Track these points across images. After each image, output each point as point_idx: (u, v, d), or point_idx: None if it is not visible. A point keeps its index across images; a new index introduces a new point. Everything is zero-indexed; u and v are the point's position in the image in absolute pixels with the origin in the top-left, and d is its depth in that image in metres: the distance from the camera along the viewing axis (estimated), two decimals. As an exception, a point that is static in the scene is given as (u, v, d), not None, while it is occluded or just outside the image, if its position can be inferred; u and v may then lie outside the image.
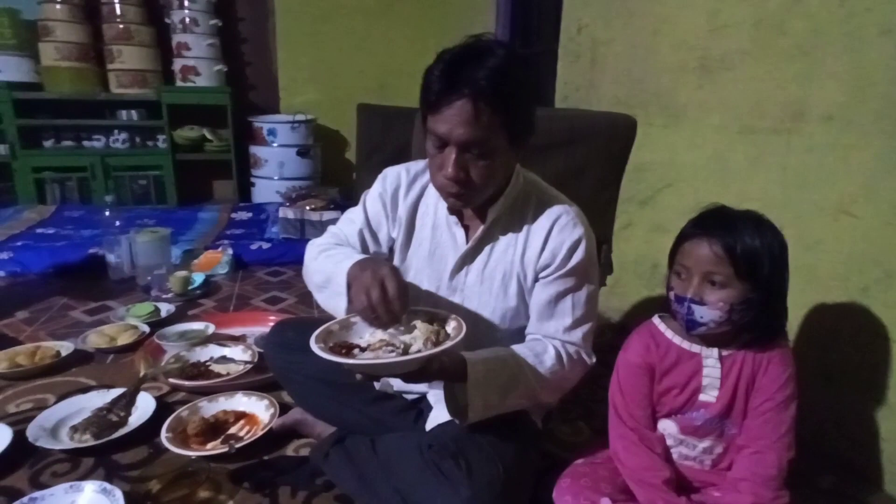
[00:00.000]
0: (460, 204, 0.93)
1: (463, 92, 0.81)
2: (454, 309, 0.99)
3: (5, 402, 1.38)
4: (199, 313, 1.97)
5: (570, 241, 0.94)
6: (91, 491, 1.02)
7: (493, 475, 0.89)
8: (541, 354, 0.94)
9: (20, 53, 3.26)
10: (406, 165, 1.08)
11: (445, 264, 1.01)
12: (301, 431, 1.27)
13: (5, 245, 2.43)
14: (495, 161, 0.87)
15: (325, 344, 0.86)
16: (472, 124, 0.82)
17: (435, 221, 1.03)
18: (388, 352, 0.83)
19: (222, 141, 3.59)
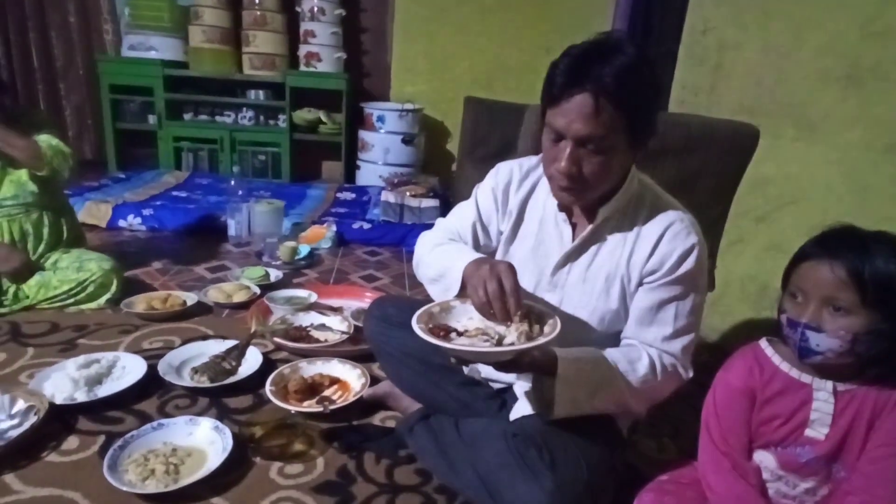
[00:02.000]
0: (570, 198, 0.92)
1: (585, 87, 0.80)
2: (551, 307, 0.99)
3: (141, 338, 1.57)
4: (302, 282, 2.10)
5: (682, 248, 0.91)
6: (207, 427, 1.14)
7: (577, 473, 0.88)
8: (634, 361, 0.92)
9: (173, 35, 3.62)
10: (519, 161, 1.08)
11: (549, 260, 1.01)
12: (388, 403, 1.32)
13: (147, 203, 2.73)
14: (611, 159, 0.86)
15: (426, 325, 0.90)
16: (591, 120, 0.81)
17: (543, 216, 1.02)
18: (483, 341, 0.85)
19: (335, 124, 3.78)
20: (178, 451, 1.09)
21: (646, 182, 0.99)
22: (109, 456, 1.04)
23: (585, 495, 0.87)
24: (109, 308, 1.71)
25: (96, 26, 3.74)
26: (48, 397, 1.18)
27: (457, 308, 0.96)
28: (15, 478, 1.02)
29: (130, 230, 2.56)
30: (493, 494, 0.93)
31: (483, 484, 0.94)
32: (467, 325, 0.91)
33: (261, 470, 1.10)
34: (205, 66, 3.62)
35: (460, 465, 1.00)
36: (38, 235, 1.74)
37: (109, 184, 3.09)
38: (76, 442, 1.13)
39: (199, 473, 1.03)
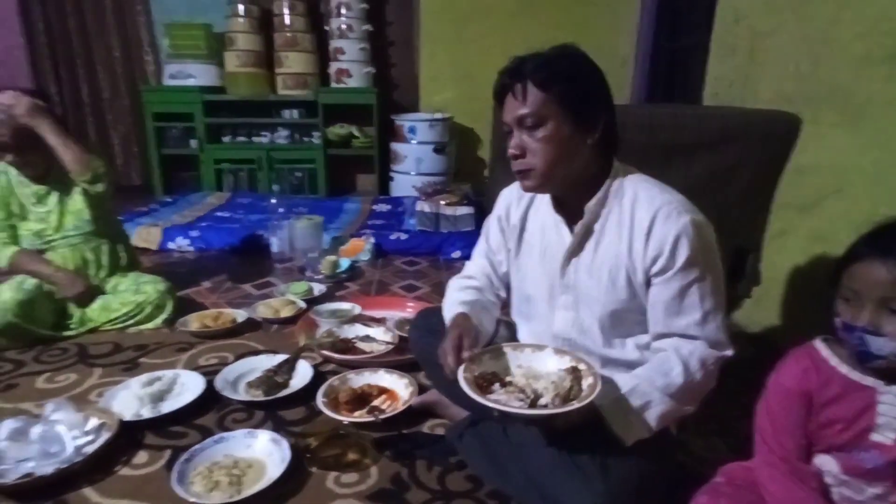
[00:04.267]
0: (529, 184, 0.97)
1: (512, 79, 0.93)
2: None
3: (197, 356, 1.64)
4: (345, 295, 2.15)
5: (676, 229, 0.91)
6: (265, 439, 1.19)
7: (628, 476, 0.89)
8: (668, 373, 0.93)
9: (210, 61, 3.77)
10: (516, 183, 1.15)
11: (555, 263, 1.04)
12: (436, 411, 1.34)
13: (194, 225, 2.85)
14: (552, 137, 0.92)
15: (473, 368, 0.94)
16: (522, 102, 0.92)
17: (544, 225, 1.07)
18: (518, 398, 0.89)
19: (367, 137, 3.86)
20: (239, 463, 1.13)
21: (633, 176, 1.01)
22: (177, 469, 1.09)
23: (636, 498, 0.87)
24: (166, 327, 1.80)
25: (138, 58, 3.94)
26: (117, 414, 1.25)
27: (508, 355, 1.00)
28: (93, 490, 1.08)
29: (180, 251, 2.68)
30: (545, 498, 0.94)
31: (534, 487, 0.96)
32: (514, 375, 0.96)
33: (318, 479, 1.13)
34: (241, 90, 3.76)
35: (510, 469, 1.02)
36: (98, 262, 1.84)
37: (158, 208, 3.23)
38: (145, 456, 1.19)
39: (261, 484, 1.07)
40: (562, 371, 0.94)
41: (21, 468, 1.08)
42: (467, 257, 2.55)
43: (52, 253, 1.78)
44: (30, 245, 1.76)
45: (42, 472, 1.07)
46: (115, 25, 3.85)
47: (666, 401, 0.91)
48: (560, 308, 1.05)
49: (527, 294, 1.12)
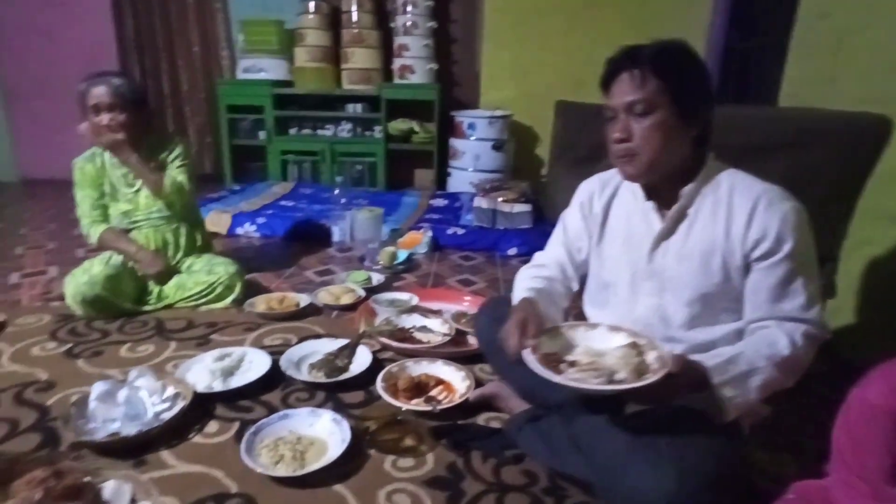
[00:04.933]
0: (631, 170, 0.98)
1: (626, 66, 0.94)
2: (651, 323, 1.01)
3: (262, 336, 1.71)
4: (402, 285, 2.19)
5: (781, 215, 0.92)
6: (327, 419, 1.22)
7: (702, 463, 0.88)
8: (775, 344, 0.91)
9: (281, 56, 3.91)
10: (597, 175, 1.18)
11: (641, 250, 1.04)
12: (495, 404, 1.34)
13: (260, 212, 2.97)
14: (660, 125, 0.93)
15: (536, 352, 0.93)
16: (634, 88, 0.93)
17: (629, 213, 1.08)
18: (594, 376, 0.87)
19: (428, 133, 3.89)
20: (302, 440, 1.17)
21: (729, 168, 1.01)
22: (245, 440, 1.14)
23: (710, 486, 0.86)
24: (234, 307, 1.88)
25: (215, 54, 4.12)
26: (191, 385, 1.33)
27: (565, 335, 0.99)
28: (170, 454, 1.15)
29: (247, 237, 2.80)
30: (614, 484, 0.93)
31: (603, 473, 0.95)
32: (577, 357, 0.93)
33: (376, 462, 1.16)
34: (308, 84, 3.87)
35: (572, 460, 1.03)
36: (176, 243, 1.95)
37: (227, 195, 3.39)
38: (216, 426, 1.25)
39: (322, 461, 1.11)
40: (622, 347, 0.92)
41: (108, 428, 1.17)
42: (524, 254, 2.56)
43: (137, 233, 1.90)
44: (118, 224, 1.89)
45: (126, 432, 1.15)
46: (196, 22, 4.05)
47: (771, 370, 0.89)
48: (643, 294, 1.05)
49: (605, 281, 1.12)
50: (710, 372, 0.87)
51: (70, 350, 1.58)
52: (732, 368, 0.88)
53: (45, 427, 1.23)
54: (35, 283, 2.13)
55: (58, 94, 3.91)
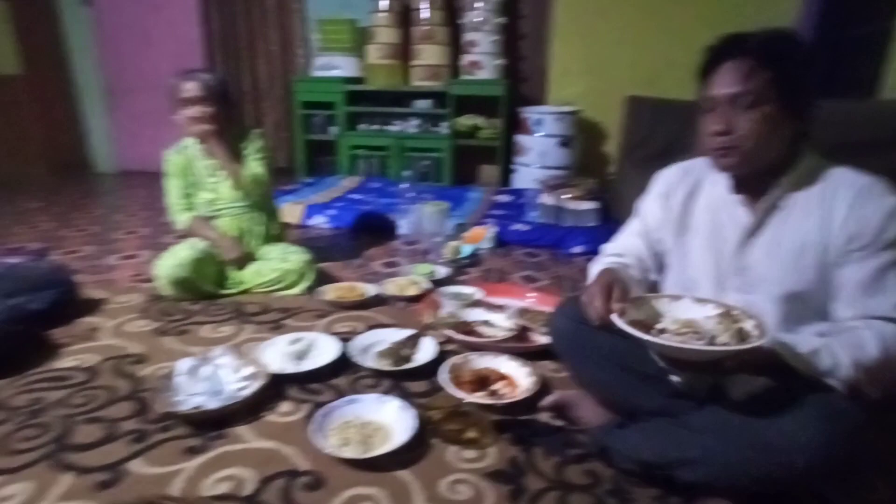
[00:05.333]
0: (729, 163, 0.93)
1: (731, 54, 0.89)
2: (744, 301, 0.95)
3: (332, 323, 1.77)
4: (466, 279, 2.19)
5: (882, 209, 0.85)
6: (393, 406, 1.25)
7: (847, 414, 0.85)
8: (863, 344, 0.84)
9: (353, 54, 4.01)
10: (678, 164, 1.12)
11: (727, 244, 0.99)
12: (566, 412, 1.25)
13: (330, 204, 3.06)
14: (763, 119, 0.87)
15: (623, 317, 0.89)
16: (739, 80, 0.87)
17: (714, 205, 1.03)
18: (695, 339, 0.83)
19: (493, 129, 3.87)
20: (368, 425, 1.20)
21: (825, 162, 0.95)
22: (315, 422, 1.18)
23: (855, 431, 0.84)
24: (306, 295, 1.95)
25: (292, 52, 4.29)
26: (266, 366, 1.39)
27: (651, 303, 0.96)
28: (246, 429, 1.21)
29: (318, 228, 2.90)
30: (751, 448, 0.88)
31: (738, 440, 0.90)
32: (667, 325, 0.90)
33: (439, 451, 1.17)
34: (378, 80, 3.95)
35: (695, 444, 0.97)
36: (254, 231, 2.05)
37: (300, 187, 3.52)
38: (288, 406, 1.31)
39: (388, 447, 1.13)
40: (716, 316, 0.88)
41: (192, 401, 1.24)
42: (589, 253, 2.50)
43: (219, 220, 2.01)
44: (202, 212, 2.01)
45: (208, 406, 1.22)
46: (275, 23, 4.23)
47: (854, 372, 0.83)
48: (730, 291, 1.00)
49: (689, 277, 1.07)
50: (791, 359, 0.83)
51: (159, 328, 1.70)
52: (811, 363, 0.83)
53: (137, 397, 1.33)
54: (130, 265, 2.31)
55: (151, 92, 4.20)
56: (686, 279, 1.07)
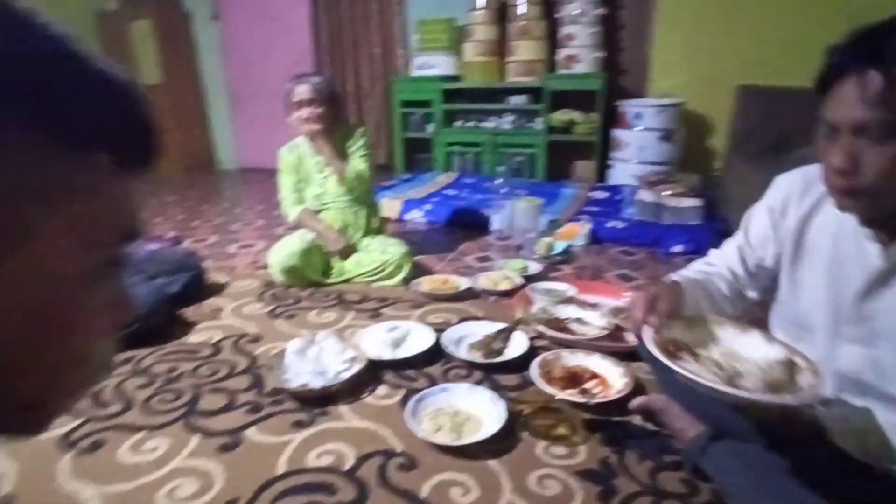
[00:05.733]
0: (849, 204, 0.74)
1: (859, 64, 0.65)
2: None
3: (426, 313, 1.82)
4: (559, 276, 2.15)
5: None
6: (484, 397, 1.26)
7: None
8: None
9: (450, 53, 4.06)
10: (802, 170, 0.93)
11: (849, 285, 0.83)
12: (658, 419, 1.19)
13: (426, 200, 3.14)
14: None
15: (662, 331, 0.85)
16: (870, 101, 0.65)
17: (838, 232, 0.85)
18: (713, 372, 0.77)
19: (590, 124, 3.75)
20: (460, 413, 1.23)
21: None
22: (410, 406, 1.23)
23: None
24: (402, 286, 2.03)
25: (392, 53, 4.43)
26: (365, 352, 1.46)
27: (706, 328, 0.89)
28: (346, 408, 1.29)
29: (414, 222, 2.99)
30: None
31: None
32: (709, 350, 0.83)
33: (528, 445, 1.16)
34: (474, 78, 3.97)
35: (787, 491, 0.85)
36: (356, 224, 2.16)
37: (398, 183, 3.64)
38: (385, 390, 1.37)
39: (478, 436, 1.14)
40: (773, 361, 0.79)
41: (299, 379, 1.34)
42: (690, 252, 2.36)
43: (325, 213, 2.14)
44: (310, 206, 2.15)
45: (314, 385, 1.31)
46: (378, 26, 4.39)
47: None
48: (846, 340, 0.84)
49: (802, 310, 0.92)
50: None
51: (272, 311, 1.84)
52: None
53: (253, 372, 1.46)
54: (247, 253, 2.52)
55: (268, 96, 4.54)
56: (798, 312, 0.93)
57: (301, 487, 1.05)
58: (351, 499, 1.02)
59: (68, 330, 0.31)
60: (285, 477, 1.08)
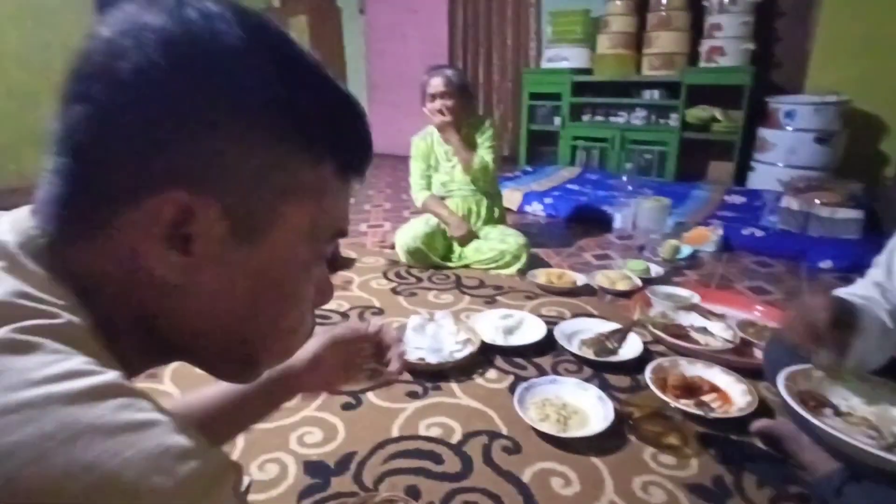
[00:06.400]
0: None
1: None
2: None
3: (540, 305, 1.81)
4: (682, 281, 2.02)
5: None
6: (593, 394, 1.24)
7: None
8: None
9: (583, 45, 3.93)
10: None
11: None
12: (782, 446, 1.09)
13: (547, 193, 3.10)
14: None
15: (800, 381, 0.75)
16: None
17: None
18: (868, 435, 0.68)
19: (732, 122, 3.43)
20: (566, 407, 1.22)
21: None
22: (518, 393, 1.25)
23: None
24: (518, 276, 2.04)
25: (525, 45, 4.39)
26: (479, 335, 1.50)
27: (850, 383, 0.80)
28: (456, 386, 1.34)
29: (534, 215, 2.97)
30: None
31: None
32: (852, 406, 0.72)
33: (635, 448, 1.13)
34: (607, 71, 3.81)
35: None
36: (478, 212, 2.21)
37: (520, 175, 3.63)
38: (495, 374, 1.40)
39: (584, 431, 1.13)
40: None
41: (416, 353, 1.42)
42: (842, 270, 2.09)
43: (450, 200, 2.21)
44: (437, 192, 2.23)
45: (429, 360, 1.38)
46: (512, 18, 4.38)
47: None
48: None
49: None
50: None
51: (394, 288, 1.96)
52: None
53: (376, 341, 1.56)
54: (375, 233, 2.69)
55: (403, 86, 4.74)
56: None
57: (411, 452, 1.12)
58: (456, 471, 1.07)
59: (295, 303, 0.38)
60: (398, 440, 1.15)
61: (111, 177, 0.30)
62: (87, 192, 0.31)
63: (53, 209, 0.31)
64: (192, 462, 0.25)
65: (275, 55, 0.32)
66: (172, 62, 0.29)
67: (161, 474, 0.23)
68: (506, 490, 1.02)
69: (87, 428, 0.23)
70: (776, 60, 3.60)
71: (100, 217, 0.31)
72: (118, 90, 0.29)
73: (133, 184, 0.30)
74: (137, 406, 0.25)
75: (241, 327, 0.36)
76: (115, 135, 0.30)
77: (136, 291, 0.32)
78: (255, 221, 0.33)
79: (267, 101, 0.32)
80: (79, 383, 0.24)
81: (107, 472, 0.22)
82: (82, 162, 0.30)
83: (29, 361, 0.24)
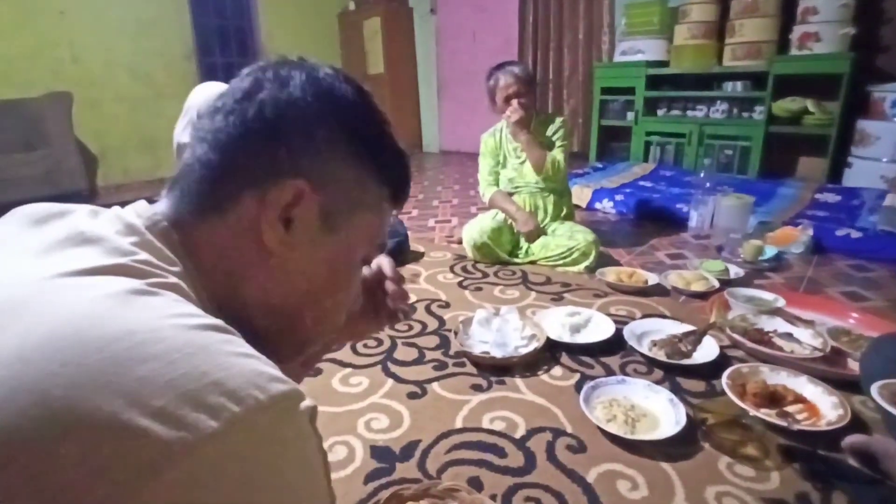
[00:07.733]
0: None
1: None
2: None
3: (608, 304, 1.75)
4: (764, 284, 1.88)
5: None
6: (663, 397, 1.19)
7: None
8: None
9: (659, 36, 3.75)
10: None
11: None
12: (880, 466, 0.96)
13: (618, 190, 2.99)
14: None
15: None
16: None
17: None
18: None
19: (826, 114, 3.14)
20: (635, 409, 1.17)
21: None
22: (584, 392, 1.21)
23: None
24: (586, 273, 1.98)
25: (597, 38, 4.26)
26: (545, 332, 1.47)
27: None
28: (521, 382, 1.33)
29: (604, 212, 2.88)
30: None
31: None
32: None
33: (709, 457, 1.07)
34: (685, 63, 3.62)
35: None
36: (546, 209, 2.17)
37: (590, 172, 3.53)
38: (560, 371, 1.37)
39: (653, 435, 1.08)
40: None
41: (480, 346, 1.42)
42: (958, 276, 1.85)
43: (517, 196, 2.19)
44: (504, 188, 2.21)
45: (494, 354, 1.38)
46: (584, 11, 4.25)
47: None
48: None
49: None
50: None
51: (461, 282, 1.97)
52: None
53: (441, 334, 1.58)
54: (443, 227, 2.71)
55: (472, 84, 4.74)
56: None
57: (475, 444, 1.12)
58: (519, 465, 1.05)
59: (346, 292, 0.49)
60: (461, 431, 1.16)
61: (248, 167, 0.40)
62: (227, 176, 0.41)
63: (195, 188, 0.41)
64: (282, 385, 0.31)
65: (368, 107, 0.45)
66: (311, 97, 0.42)
67: (256, 389, 0.30)
68: (570, 488, 0.99)
69: (201, 349, 0.30)
70: (883, 44, 3.25)
71: (232, 195, 0.41)
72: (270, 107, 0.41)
73: (264, 173, 0.40)
74: (238, 342, 0.33)
75: (306, 306, 0.46)
76: (254, 139, 0.40)
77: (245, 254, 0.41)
78: (336, 219, 0.43)
79: (363, 137, 0.44)
80: (194, 320, 0.32)
81: (216, 379, 0.29)
82: (224, 154, 0.41)
83: (159, 301, 0.32)
